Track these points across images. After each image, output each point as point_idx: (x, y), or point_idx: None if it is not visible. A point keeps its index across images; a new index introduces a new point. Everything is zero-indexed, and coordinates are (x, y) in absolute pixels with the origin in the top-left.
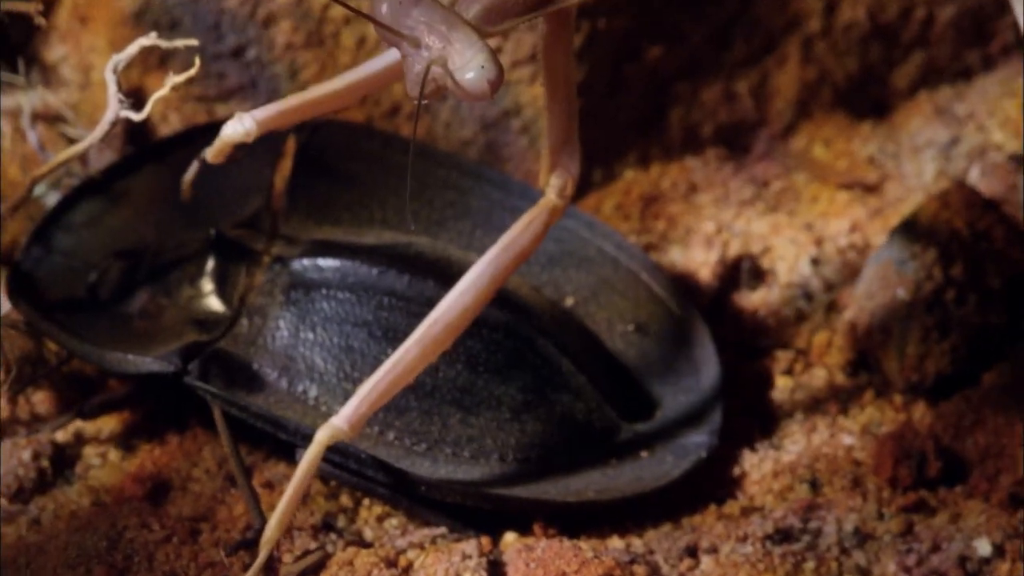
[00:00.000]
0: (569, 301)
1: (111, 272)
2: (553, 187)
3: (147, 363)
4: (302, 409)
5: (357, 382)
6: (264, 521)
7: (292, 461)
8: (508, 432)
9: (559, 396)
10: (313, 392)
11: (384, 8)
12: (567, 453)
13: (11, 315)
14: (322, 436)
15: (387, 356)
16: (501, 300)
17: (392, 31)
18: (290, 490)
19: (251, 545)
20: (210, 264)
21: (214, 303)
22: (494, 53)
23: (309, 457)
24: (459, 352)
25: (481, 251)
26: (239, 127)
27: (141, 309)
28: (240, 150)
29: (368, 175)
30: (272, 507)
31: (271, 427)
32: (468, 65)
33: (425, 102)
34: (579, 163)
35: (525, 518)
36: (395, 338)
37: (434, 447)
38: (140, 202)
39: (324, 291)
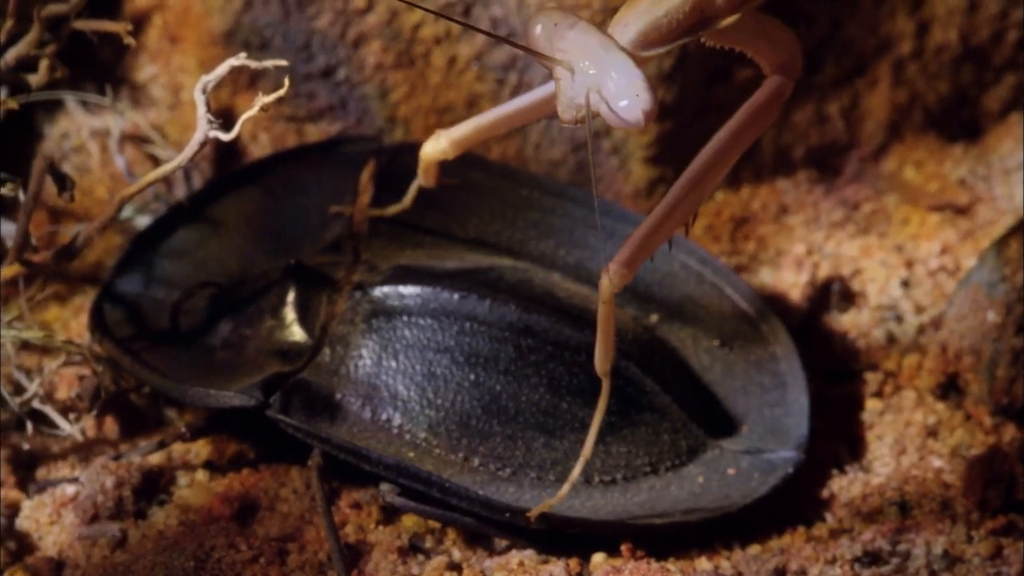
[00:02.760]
0: (654, 318)
1: (195, 302)
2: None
3: (229, 398)
4: (386, 438)
5: (440, 409)
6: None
7: (379, 483)
8: (592, 454)
9: (643, 416)
10: (397, 420)
11: (538, 31)
12: (653, 473)
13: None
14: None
15: (469, 382)
16: (584, 321)
17: (545, 56)
18: None
19: None
20: (291, 293)
21: (296, 333)
22: (649, 81)
23: (603, 317)
24: (542, 375)
25: (565, 270)
26: (436, 146)
27: (224, 340)
28: (318, 176)
29: (449, 197)
30: (360, 527)
31: (354, 458)
32: (624, 93)
33: (577, 126)
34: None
35: (613, 540)
36: (477, 363)
37: (519, 472)
38: (224, 230)
39: (406, 318)
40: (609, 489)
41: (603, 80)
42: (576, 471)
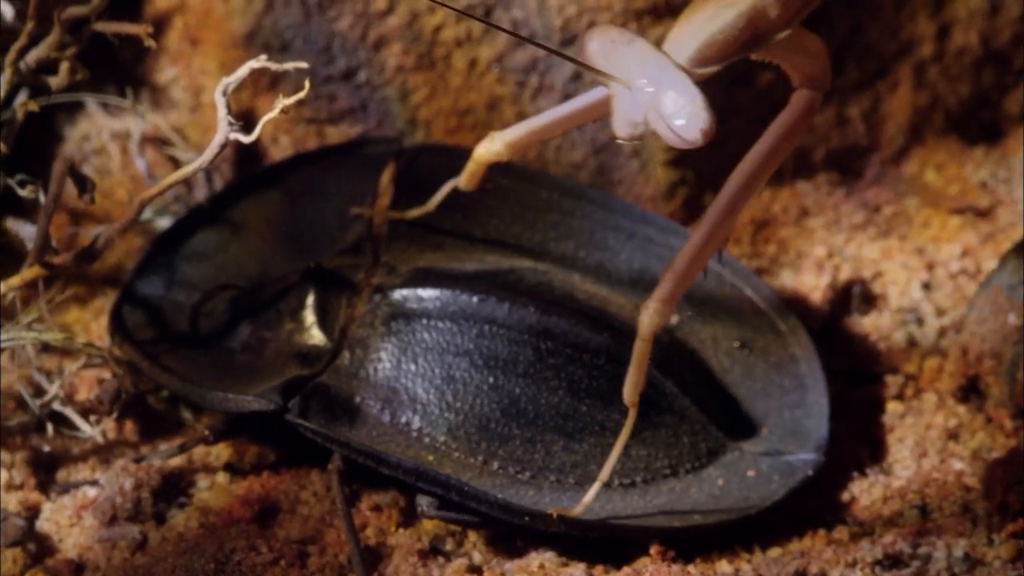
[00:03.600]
0: (674, 319)
1: (214, 305)
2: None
3: (248, 402)
4: (405, 441)
5: (459, 412)
6: None
7: (399, 486)
8: None
9: (663, 418)
10: (416, 424)
11: (595, 47)
12: (672, 476)
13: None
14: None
15: (488, 385)
16: (603, 324)
17: (602, 73)
18: None
19: None
20: (311, 296)
21: (316, 336)
22: (707, 99)
23: (639, 353)
24: (561, 378)
25: (584, 272)
26: (491, 147)
27: (243, 343)
28: (338, 178)
29: (469, 199)
30: (381, 530)
31: (373, 463)
32: (682, 111)
33: (633, 143)
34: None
35: (633, 543)
36: (496, 366)
37: (538, 475)
38: (244, 232)
39: (425, 321)
40: (629, 492)
41: (661, 98)
42: (592, 493)
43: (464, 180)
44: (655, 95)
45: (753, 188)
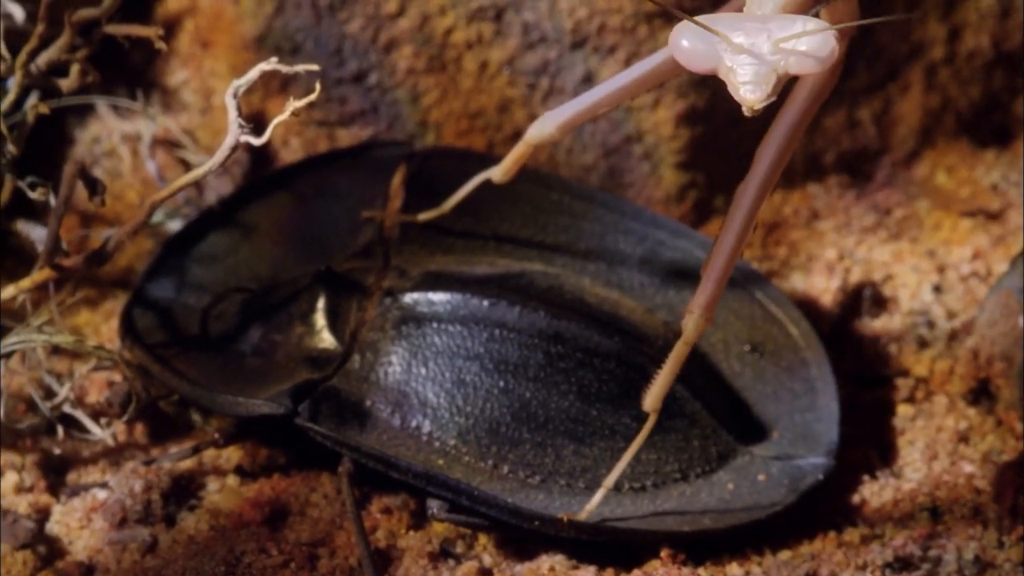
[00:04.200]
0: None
1: (225, 308)
2: None
3: (258, 406)
4: (415, 445)
5: (469, 416)
6: None
7: (409, 489)
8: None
9: (673, 423)
10: (426, 427)
11: (687, 39)
12: (683, 480)
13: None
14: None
15: (499, 389)
16: (614, 328)
17: (707, 59)
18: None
19: None
20: (321, 299)
21: (326, 339)
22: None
23: (674, 357)
24: (571, 382)
25: (595, 275)
26: (543, 129)
27: (254, 346)
28: (349, 181)
29: (479, 202)
30: (391, 532)
31: (383, 466)
32: (814, 38)
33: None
34: None
35: (643, 547)
36: (507, 370)
37: (548, 479)
38: (254, 235)
39: (436, 324)
40: (639, 496)
41: (781, 29)
42: (597, 498)
43: (506, 167)
44: (771, 31)
45: (780, 168)
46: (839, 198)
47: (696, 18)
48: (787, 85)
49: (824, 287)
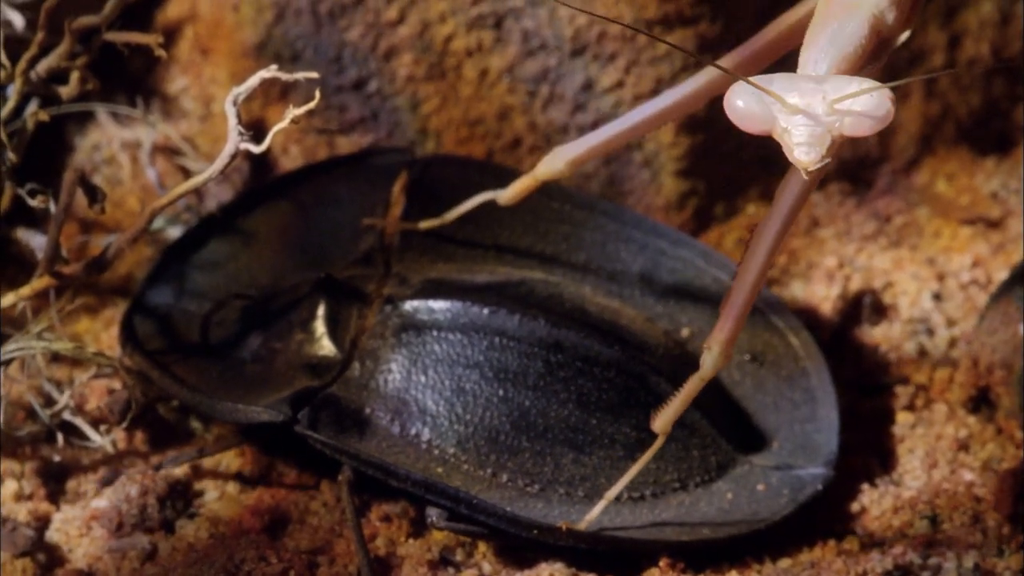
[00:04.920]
0: (685, 332)
1: (224, 315)
2: None
3: (257, 413)
4: (415, 453)
5: (469, 424)
6: None
7: (409, 497)
8: (622, 471)
9: (673, 432)
10: (426, 435)
11: (742, 99)
12: (682, 489)
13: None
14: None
15: (498, 397)
16: (614, 337)
17: (766, 120)
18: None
19: None
20: (321, 307)
21: (326, 347)
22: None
23: (688, 390)
24: (571, 391)
25: (595, 284)
26: (552, 165)
27: (253, 353)
28: (349, 188)
29: (481, 210)
30: (390, 540)
31: (382, 474)
32: (869, 98)
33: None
34: None
35: (642, 556)
36: (506, 379)
37: (547, 488)
38: (255, 242)
39: (436, 332)
40: (638, 505)
41: (836, 90)
42: (598, 509)
43: (511, 195)
44: (827, 92)
45: (801, 206)
46: (839, 206)
47: (751, 78)
48: None
49: (824, 295)
